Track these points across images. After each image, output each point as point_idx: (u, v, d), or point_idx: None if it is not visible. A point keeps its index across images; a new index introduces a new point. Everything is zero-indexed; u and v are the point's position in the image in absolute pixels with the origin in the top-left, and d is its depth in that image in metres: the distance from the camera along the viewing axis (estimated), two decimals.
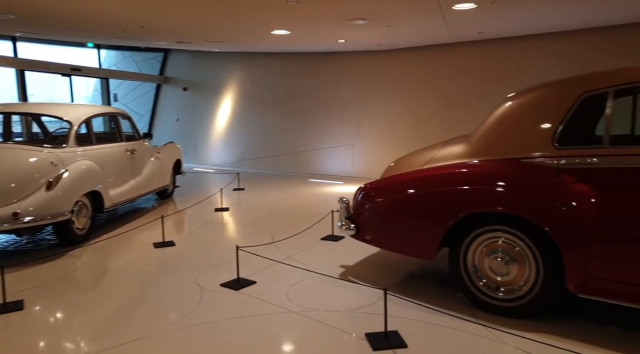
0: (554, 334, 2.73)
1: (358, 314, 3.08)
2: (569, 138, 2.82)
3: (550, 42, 7.16)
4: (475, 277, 3.06)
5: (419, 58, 8.66)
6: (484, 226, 2.98)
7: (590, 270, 2.65)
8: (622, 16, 5.99)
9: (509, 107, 3.18)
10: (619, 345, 2.61)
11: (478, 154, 3.19)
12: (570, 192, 2.73)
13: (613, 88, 2.71)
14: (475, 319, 2.93)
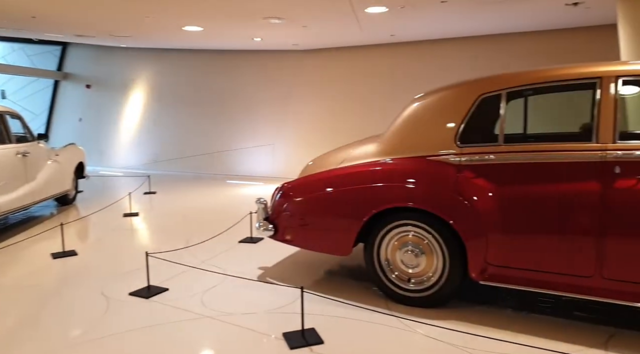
0: (458, 320, 2.96)
1: (276, 315, 3.08)
2: (470, 137, 3.06)
3: (458, 46, 7.74)
4: (389, 270, 3.21)
5: (336, 59, 8.89)
6: (396, 221, 3.14)
7: (490, 258, 2.90)
8: (523, 24, 6.64)
9: (416, 108, 3.38)
10: (515, 325, 2.89)
11: (389, 152, 3.34)
12: (471, 187, 2.97)
13: (506, 90, 2.99)
14: (389, 311, 3.08)
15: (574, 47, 6.90)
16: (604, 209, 2.63)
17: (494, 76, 3.13)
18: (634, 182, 2.59)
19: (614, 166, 2.64)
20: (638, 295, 2.58)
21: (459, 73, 5.50)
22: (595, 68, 2.80)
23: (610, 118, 2.69)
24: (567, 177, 2.76)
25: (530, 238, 2.83)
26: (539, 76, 2.97)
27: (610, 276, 2.63)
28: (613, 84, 2.70)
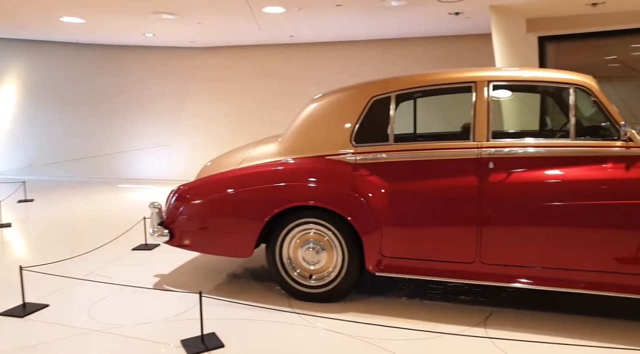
0: (357, 311, 3.13)
1: (174, 322, 3.00)
2: (364, 136, 3.25)
3: (356, 49, 8.11)
4: (291, 268, 3.29)
5: (235, 57, 8.80)
6: (298, 220, 3.23)
7: (385, 251, 3.11)
8: (415, 30, 7.16)
9: (314, 109, 3.51)
10: (409, 312, 3.13)
11: (289, 152, 3.42)
12: (366, 184, 3.16)
13: (395, 93, 3.23)
14: (291, 308, 3.16)
15: (459, 53, 7.62)
16: (480, 201, 2.96)
17: (384, 79, 3.36)
18: (505, 176, 2.96)
19: (488, 162, 2.99)
20: (512, 277, 2.96)
21: (357, 75, 5.81)
22: (470, 73, 3.15)
23: (484, 119, 3.04)
24: (450, 173, 3.06)
25: (419, 230, 3.09)
26: (423, 80, 3.26)
27: (488, 260, 2.97)
28: (486, 88, 3.06)
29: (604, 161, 2.84)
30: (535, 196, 2.90)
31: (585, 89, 2.93)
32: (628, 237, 2.74)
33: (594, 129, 3.00)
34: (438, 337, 2.76)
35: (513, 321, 2.97)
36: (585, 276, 2.83)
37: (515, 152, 2.98)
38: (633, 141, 2.80)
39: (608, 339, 2.66)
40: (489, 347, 2.67)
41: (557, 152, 2.93)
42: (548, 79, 3.17)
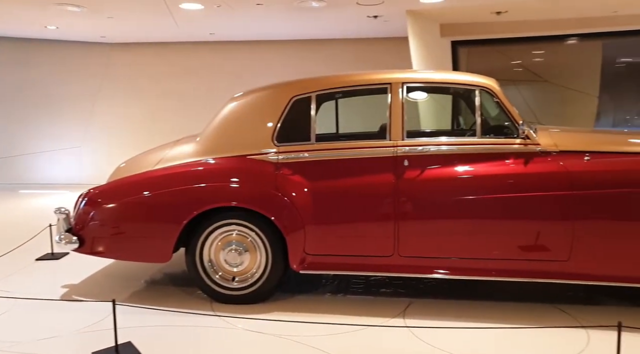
0: (281, 311, 3.17)
1: (85, 334, 2.85)
2: (285, 136, 3.30)
3: (278, 48, 8.14)
4: (212, 271, 3.26)
5: (152, 54, 8.47)
6: (219, 221, 3.20)
7: (308, 249, 3.19)
8: (337, 32, 7.33)
9: (235, 107, 3.50)
10: (332, 307, 3.23)
11: (209, 152, 3.38)
12: (289, 183, 3.21)
13: (315, 93, 3.31)
14: (213, 312, 3.13)
15: (379, 55, 7.94)
16: (397, 197, 3.13)
17: (305, 80, 3.44)
18: (419, 173, 3.16)
19: (403, 160, 3.17)
20: (429, 268, 3.16)
21: (278, 75, 5.86)
22: (386, 75, 3.32)
23: (399, 119, 3.21)
24: (368, 170, 3.21)
25: (341, 226, 3.20)
26: (341, 81, 3.38)
27: (405, 253, 3.15)
28: (400, 89, 3.24)
29: (506, 157, 3.13)
30: (447, 191, 3.13)
31: (488, 91, 3.21)
32: (529, 227, 3.03)
33: (498, 128, 3.29)
34: (360, 330, 2.88)
35: (430, 310, 3.17)
36: (495, 264, 3.09)
37: (428, 150, 3.19)
38: (530, 139, 3.11)
39: (514, 321, 2.93)
40: (407, 336, 2.83)
41: (466, 149, 3.17)
42: (456, 81, 3.43)
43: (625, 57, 7.95)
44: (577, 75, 7.73)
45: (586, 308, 3.14)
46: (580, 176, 2.96)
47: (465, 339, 2.76)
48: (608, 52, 7.71)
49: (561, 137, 3.27)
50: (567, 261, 2.96)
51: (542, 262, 3.03)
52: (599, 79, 7.63)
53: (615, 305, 3.18)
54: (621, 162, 3.02)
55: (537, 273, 3.04)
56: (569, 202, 2.94)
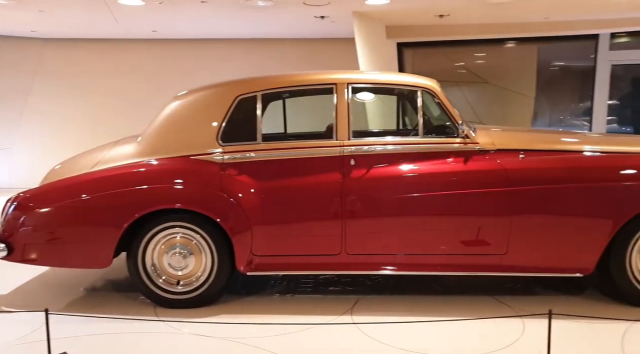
0: (228, 313, 3.15)
1: (15, 347, 2.73)
2: (231, 135, 3.28)
3: (224, 47, 8.03)
4: (155, 276, 3.18)
5: (92, 51, 8.13)
6: (162, 224, 3.13)
7: (255, 250, 3.18)
8: (285, 31, 7.32)
9: (178, 107, 3.43)
10: (281, 307, 3.25)
11: (151, 153, 3.30)
12: (235, 184, 3.19)
13: (260, 92, 3.31)
14: (157, 317, 3.06)
15: (327, 56, 8.02)
16: (344, 196, 3.19)
17: (250, 79, 3.43)
18: (365, 172, 3.23)
19: (350, 159, 3.23)
20: (375, 265, 3.24)
21: (225, 73, 5.81)
22: (331, 75, 3.37)
23: (344, 119, 3.27)
24: (315, 170, 3.25)
25: (289, 226, 3.22)
26: (287, 80, 3.41)
27: (352, 251, 3.21)
28: (345, 89, 3.30)
29: (447, 156, 3.26)
30: (393, 189, 3.22)
31: (430, 92, 3.33)
32: (469, 222, 3.18)
33: (439, 128, 3.42)
34: (309, 329, 2.91)
35: (377, 306, 3.26)
36: (440, 259, 3.22)
37: (374, 149, 3.27)
38: (469, 138, 3.26)
39: (457, 314, 3.06)
40: (355, 332, 2.89)
41: (410, 149, 3.29)
42: (399, 82, 3.54)
43: (559, 61, 8.49)
44: (515, 77, 8.16)
45: (522, 298, 3.33)
46: (515, 173, 3.14)
47: (410, 333, 2.86)
48: (543, 56, 8.21)
49: (498, 137, 3.45)
50: (505, 254, 3.13)
51: (482, 256, 3.18)
52: (535, 81, 8.10)
53: (548, 294, 3.40)
54: (553, 160, 3.24)
55: (478, 266, 3.20)
56: (506, 198, 3.11)
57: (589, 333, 2.82)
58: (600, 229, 3.04)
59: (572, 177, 3.11)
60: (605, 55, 7.57)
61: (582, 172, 3.14)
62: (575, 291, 3.40)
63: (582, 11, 6.33)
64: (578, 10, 6.23)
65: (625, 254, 3.05)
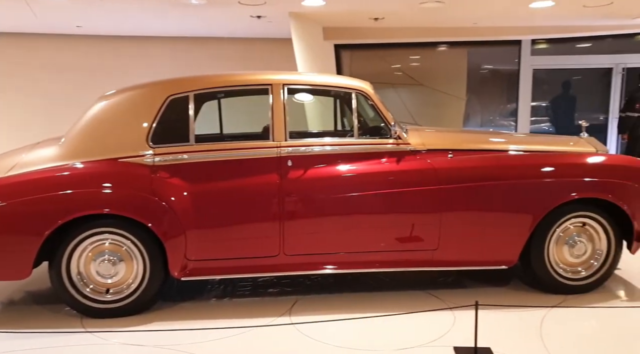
0: (163, 320, 3.07)
1: None
2: (162, 137, 3.19)
3: (157, 45, 7.81)
4: (82, 285, 3.04)
5: (10, 46, 7.62)
6: (89, 231, 3.00)
7: (190, 255, 3.12)
8: (221, 30, 7.21)
9: (104, 107, 3.30)
10: (219, 312, 3.20)
11: (74, 156, 3.15)
12: (167, 187, 3.11)
13: (193, 92, 3.25)
14: (84, 328, 2.93)
15: (265, 56, 8.01)
16: (281, 197, 3.20)
17: (182, 78, 3.36)
18: (303, 172, 3.27)
19: (287, 160, 3.25)
20: (314, 264, 3.28)
21: (157, 72, 5.64)
22: (267, 76, 3.38)
23: (281, 120, 3.29)
24: (252, 171, 3.24)
25: (225, 229, 3.19)
26: (221, 81, 3.37)
27: (291, 252, 3.24)
28: (281, 90, 3.31)
29: (381, 156, 3.37)
30: (329, 190, 3.28)
31: (363, 94, 3.43)
32: (404, 220, 3.30)
33: (374, 129, 3.52)
34: (247, 331, 2.91)
35: (315, 306, 3.30)
36: (377, 257, 3.31)
37: (311, 150, 3.31)
38: (401, 139, 3.38)
39: (393, 309, 3.15)
40: (293, 333, 2.92)
41: (346, 149, 3.36)
42: (334, 84, 3.62)
43: (488, 64, 9.00)
44: (448, 80, 8.58)
45: (453, 291, 3.51)
46: (444, 172, 3.30)
47: (347, 331, 2.93)
48: (473, 60, 8.68)
49: (429, 137, 3.61)
50: (436, 249, 3.28)
51: (416, 252, 3.31)
52: (465, 84, 8.55)
53: (477, 287, 3.60)
54: (479, 159, 3.43)
55: (412, 262, 3.33)
56: (436, 196, 3.26)
57: (512, 321, 3.02)
58: (522, 223, 3.26)
59: (496, 175, 3.31)
60: (528, 60, 8.15)
61: (505, 170, 3.36)
62: (501, 282, 3.63)
63: (506, 18, 6.77)
64: (502, 17, 6.65)
65: (544, 246, 3.30)
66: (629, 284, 3.57)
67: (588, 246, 3.35)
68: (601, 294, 3.36)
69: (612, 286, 3.51)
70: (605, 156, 3.55)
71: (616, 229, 3.33)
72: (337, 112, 4.57)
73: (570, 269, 3.36)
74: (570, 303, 3.24)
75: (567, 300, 3.28)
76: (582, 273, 3.37)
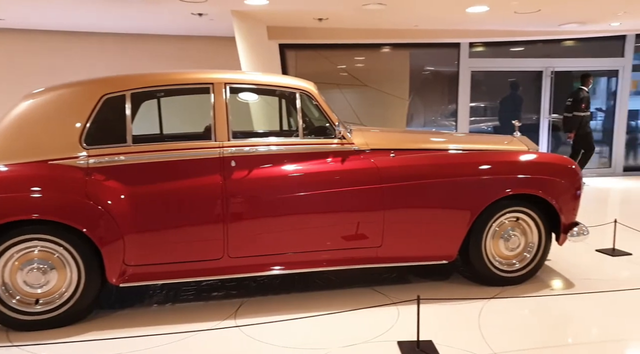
0: (101, 329, 2.95)
1: None
2: (97, 138, 3.06)
3: (93, 41, 7.43)
4: (7, 296, 2.85)
5: None
6: (15, 238, 2.82)
7: (129, 260, 3.01)
8: (159, 27, 6.97)
9: (32, 106, 3.11)
10: (161, 318, 3.11)
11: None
12: (103, 190, 2.98)
13: (130, 91, 3.14)
14: (11, 343, 2.75)
15: (209, 54, 7.84)
16: (225, 198, 3.16)
17: (118, 77, 3.23)
18: (247, 173, 3.23)
19: (230, 161, 3.21)
20: (259, 266, 3.25)
21: (93, 70, 5.39)
22: (208, 75, 3.31)
23: (223, 119, 3.24)
24: (194, 173, 3.17)
25: (166, 233, 3.10)
26: (160, 79, 3.27)
27: (234, 254, 3.19)
28: (223, 89, 3.26)
29: (327, 156, 3.40)
30: (274, 190, 3.27)
31: (307, 94, 3.44)
32: (349, 218, 3.34)
33: (319, 129, 3.55)
34: (190, 336, 2.84)
35: (261, 308, 3.28)
36: (324, 255, 3.33)
37: (256, 150, 3.29)
38: (346, 139, 3.43)
39: (339, 306, 3.20)
40: (238, 335, 2.89)
41: (291, 149, 3.36)
42: (278, 84, 3.60)
43: (430, 66, 9.30)
44: (391, 81, 8.78)
45: (397, 287, 3.60)
46: (387, 171, 3.38)
47: (293, 331, 2.93)
48: (416, 61, 8.93)
49: (372, 137, 3.68)
50: (380, 246, 3.36)
51: (362, 250, 3.37)
52: (408, 85, 8.79)
53: (419, 282, 3.71)
54: (420, 158, 3.54)
55: (358, 259, 3.38)
56: (379, 194, 3.33)
57: (452, 313, 3.14)
58: (461, 219, 3.40)
59: (435, 173, 3.43)
60: (466, 63, 8.50)
61: (444, 169, 3.48)
62: (442, 276, 3.77)
63: (445, 22, 7.03)
64: (441, 20, 6.90)
65: (481, 240, 3.46)
66: (558, 274, 3.81)
67: (521, 240, 3.55)
68: (534, 284, 3.57)
69: (544, 276, 3.73)
70: (537, 154, 3.77)
71: (546, 223, 3.55)
72: (282, 112, 4.57)
73: (505, 262, 3.55)
74: (507, 294, 3.41)
75: (504, 291, 3.45)
76: (516, 265, 3.56)
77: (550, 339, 2.83)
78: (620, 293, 3.32)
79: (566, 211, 3.54)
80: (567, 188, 3.55)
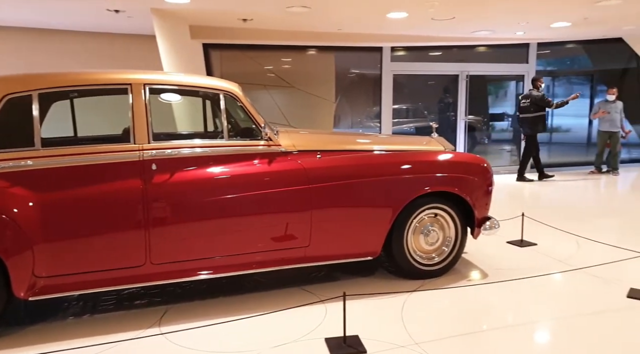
0: (6, 348, 2.74)
1: None
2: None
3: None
4: None
5: None
6: None
7: (39, 272, 2.82)
8: (72, 23, 6.55)
9: None
10: (79, 330, 2.95)
11: None
12: (7, 197, 2.77)
13: (37, 91, 2.93)
14: None
15: (129, 53, 7.51)
16: (146, 203, 3.05)
17: (22, 76, 3.01)
18: (169, 176, 3.14)
19: (151, 164, 3.10)
20: (183, 272, 3.17)
21: (8, 67, 4.98)
22: (125, 75, 3.18)
23: (143, 121, 3.13)
24: (112, 177, 3.03)
25: (82, 241, 2.94)
26: (70, 79, 3.08)
27: (157, 261, 3.10)
28: (142, 90, 3.15)
29: (253, 158, 3.39)
30: (199, 193, 3.20)
31: (232, 95, 3.42)
32: (277, 220, 3.35)
33: (245, 131, 3.53)
34: (110, 348, 2.72)
35: (187, 314, 3.20)
36: (254, 257, 3.32)
37: (178, 152, 3.20)
38: (272, 140, 3.44)
39: (267, 308, 3.21)
40: (163, 343, 2.81)
41: (216, 151, 3.31)
42: (200, 85, 3.54)
43: (355, 69, 9.55)
44: (317, 83, 8.92)
45: (325, 284, 3.68)
46: (313, 172, 3.44)
47: (221, 335, 2.90)
48: (341, 64, 9.14)
49: (299, 139, 3.72)
50: (308, 246, 3.41)
51: (290, 250, 3.40)
52: (334, 87, 8.97)
53: (346, 279, 3.81)
54: (344, 159, 3.64)
55: (287, 260, 3.41)
56: (307, 195, 3.39)
57: (377, 308, 3.27)
58: (383, 216, 3.54)
59: (359, 173, 3.55)
60: (388, 66, 8.84)
61: (367, 169, 3.61)
62: (368, 272, 3.90)
63: (367, 26, 7.27)
64: (364, 24, 7.13)
65: (403, 236, 3.63)
66: (474, 265, 4.09)
67: (440, 234, 3.77)
68: (453, 276, 3.81)
69: (461, 268, 3.99)
70: (453, 153, 4.01)
71: (462, 218, 3.80)
72: (206, 113, 4.49)
73: (426, 256, 3.75)
74: (428, 286, 3.61)
75: (425, 284, 3.64)
76: (435, 258, 3.78)
77: (468, 327, 3.03)
78: (528, 280, 3.64)
79: (479, 206, 3.80)
80: (480, 185, 3.82)
